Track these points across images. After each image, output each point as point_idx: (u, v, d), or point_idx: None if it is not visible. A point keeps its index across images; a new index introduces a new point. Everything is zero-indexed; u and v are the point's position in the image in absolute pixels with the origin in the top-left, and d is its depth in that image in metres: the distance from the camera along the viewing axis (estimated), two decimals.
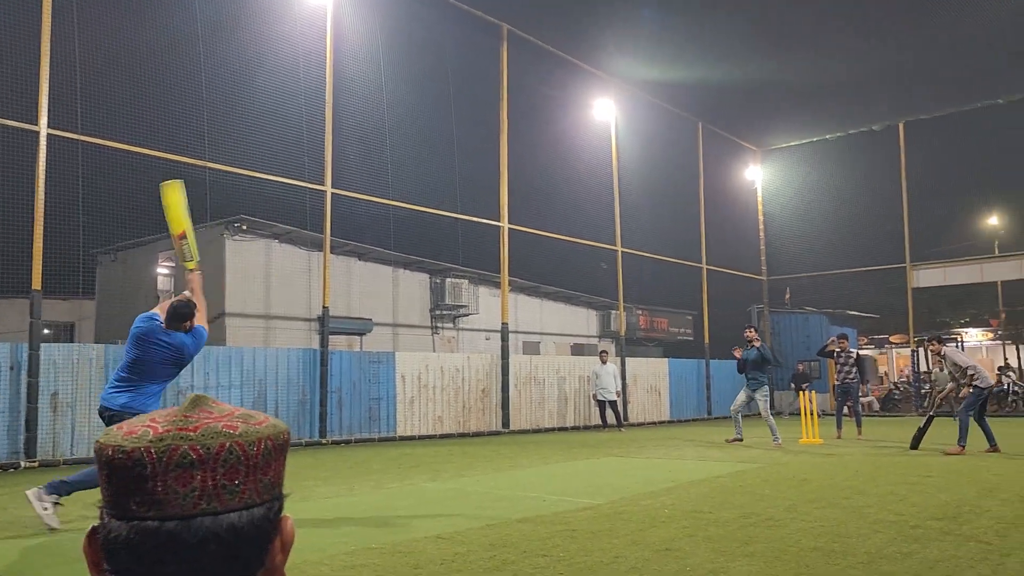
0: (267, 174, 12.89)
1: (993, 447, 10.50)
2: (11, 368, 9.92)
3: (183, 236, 5.66)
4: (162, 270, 20.08)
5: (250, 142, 13.18)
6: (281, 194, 13.90)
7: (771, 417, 12.68)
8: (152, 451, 0.72)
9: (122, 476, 0.73)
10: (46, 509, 5.40)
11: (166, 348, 5.49)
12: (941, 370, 13.54)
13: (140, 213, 14.11)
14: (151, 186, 13.08)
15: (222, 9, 13.00)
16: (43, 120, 10.24)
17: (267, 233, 18.09)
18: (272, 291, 17.96)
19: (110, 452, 0.73)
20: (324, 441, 12.81)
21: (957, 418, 10.83)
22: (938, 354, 11.44)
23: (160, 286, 20.16)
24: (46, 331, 20.65)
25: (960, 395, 11.22)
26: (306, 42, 13.69)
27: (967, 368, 10.85)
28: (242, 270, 17.39)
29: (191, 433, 0.73)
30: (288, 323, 17.92)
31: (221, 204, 15.07)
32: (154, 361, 5.49)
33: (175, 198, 5.67)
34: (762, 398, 12.67)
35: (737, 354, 13.34)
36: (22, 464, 9.76)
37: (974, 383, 10.72)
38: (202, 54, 12.36)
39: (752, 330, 13.54)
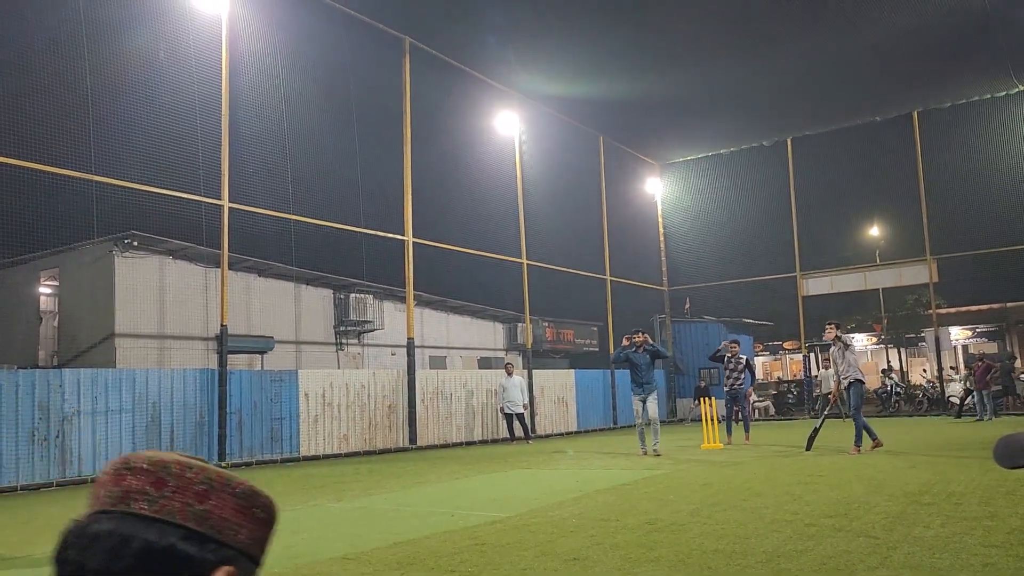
0: (159, 188, 12.38)
1: (858, 446, 10.98)
2: None
3: None
4: (44, 289, 18.98)
5: (141, 154, 12.64)
6: (175, 209, 13.36)
7: (658, 424, 12.28)
8: (117, 460, 0.77)
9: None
10: None
11: None
12: (827, 368, 14.10)
13: (20, 229, 13.30)
14: (31, 201, 12.36)
15: (109, 11, 12.41)
16: None
17: (161, 249, 17.36)
18: (167, 309, 17.22)
19: None
20: (223, 464, 12.33)
21: (852, 419, 11.31)
22: (837, 338, 11.43)
23: (42, 306, 19.04)
24: None
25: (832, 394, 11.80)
26: (201, 51, 13.24)
27: (849, 363, 11.32)
28: (133, 288, 16.61)
29: (147, 454, 0.78)
30: (184, 343, 17.20)
31: (110, 219, 14.35)
32: None
33: None
34: (653, 402, 12.10)
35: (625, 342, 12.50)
36: None
37: (854, 377, 11.18)
38: (87, 58, 11.77)
39: (640, 334, 12.48)
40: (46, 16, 12.22)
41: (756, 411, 23.78)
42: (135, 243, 16.73)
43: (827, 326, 11.83)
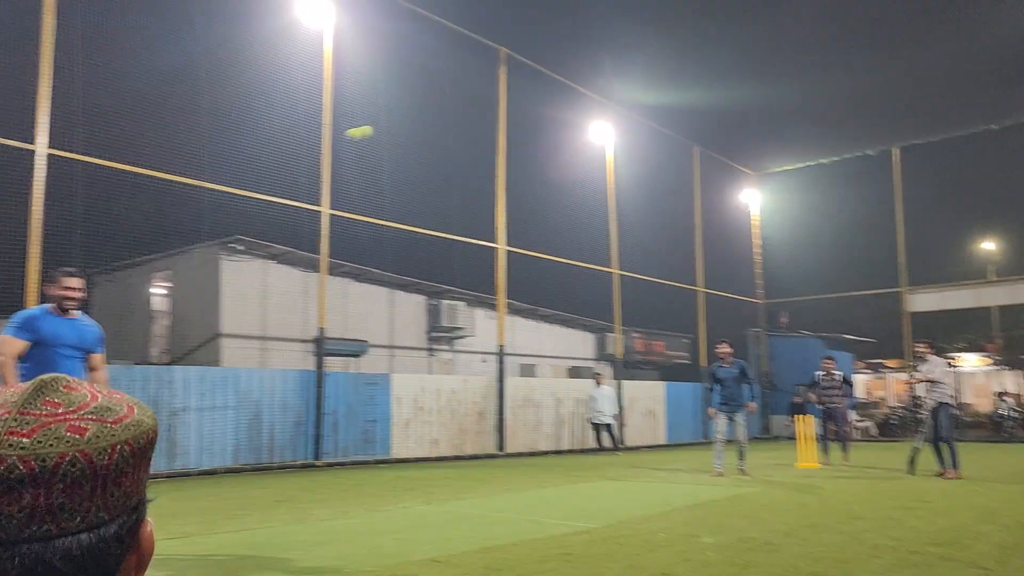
0: (264, 195, 12.91)
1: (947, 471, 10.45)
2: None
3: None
4: (158, 290, 20.03)
5: (248, 163, 13.21)
6: (278, 215, 13.90)
7: (747, 444, 11.70)
8: None
9: None
10: None
11: None
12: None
13: (137, 233, 14.14)
14: (148, 206, 13.11)
15: (224, 32, 13.09)
16: (41, 139, 10.25)
17: (264, 254, 18.07)
18: (268, 312, 17.91)
19: None
20: (318, 463, 12.72)
21: (944, 443, 10.75)
22: (922, 358, 11.01)
23: (154, 306, 20.10)
24: None
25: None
26: (305, 64, 13.76)
27: (936, 379, 10.77)
28: (238, 291, 17.36)
29: (24, 440, 0.61)
30: (284, 344, 17.85)
31: (218, 225, 15.07)
32: None
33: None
34: (742, 421, 11.57)
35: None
36: None
37: (937, 399, 10.62)
38: (203, 75, 12.42)
39: (726, 344, 11.94)
40: (170, 38, 12.96)
41: (856, 431, 22.83)
42: (240, 247, 17.48)
43: (920, 343, 11.29)
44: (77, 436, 0.63)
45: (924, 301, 22.95)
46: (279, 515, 7.31)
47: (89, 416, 0.64)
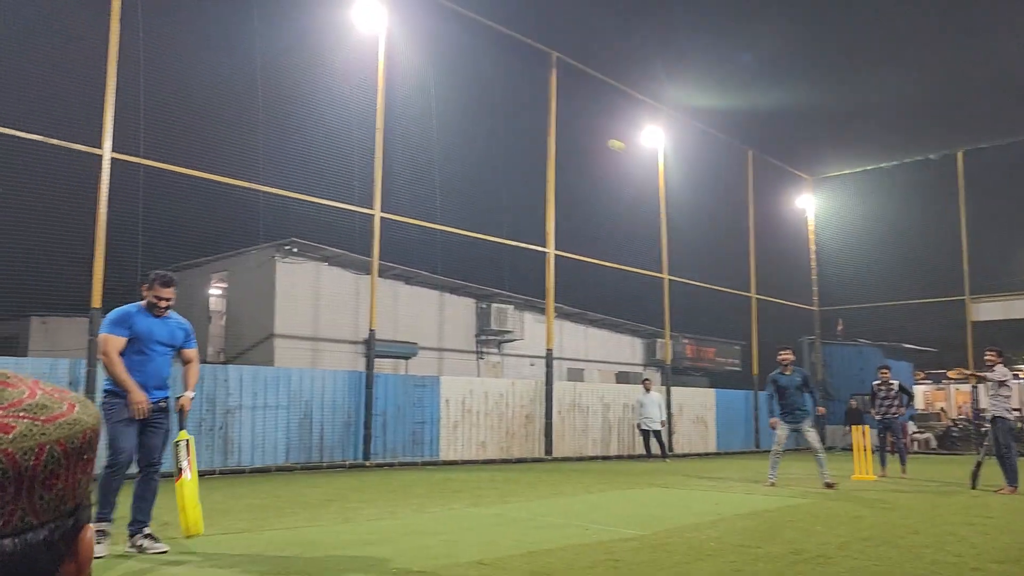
0: (318, 198, 13.12)
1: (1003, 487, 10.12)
2: (69, 383, 10.18)
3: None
4: (214, 291, 20.50)
5: (302, 166, 13.45)
6: (331, 218, 14.12)
7: (823, 451, 11.23)
8: None
9: None
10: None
11: None
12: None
13: (195, 235, 14.49)
14: (206, 208, 13.43)
15: (280, 37, 13.36)
16: (107, 144, 10.58)
17: (317, 256, 18.36)
18: (320, 313, 18.19)
19: None
20: (367, 464, 12.85)
21: (1005, 456, 10.39)
22: (991, 366, 10.49)
23: (211, 306, 20.57)
24: None
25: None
26: (359, 68, 13.96)
27: (1003, 389, 10.37)
28: (292, 292, 17.67)
29: None
30: (335, 345, 18.11)
31: (273, 227, 15.37)
32: None
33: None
34: (810, 429, 11.21)
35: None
36: None
37: (997, 410, 10.26)
38: (259, 79, 12.69)
39: (789, 352, 11.57)
40: (228, 45, 13.28)
41: (915, 443, 22.18)
42: (295, 249, 17.79)
43: (988, 351, 10.78)
44: (1, 434, 0.58)
45: (988, 310, 22.19)
46: (328, 514, 7.40)
47: (20, 413, 0.60)
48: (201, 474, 11.02)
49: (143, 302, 5.59)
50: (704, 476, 12.65)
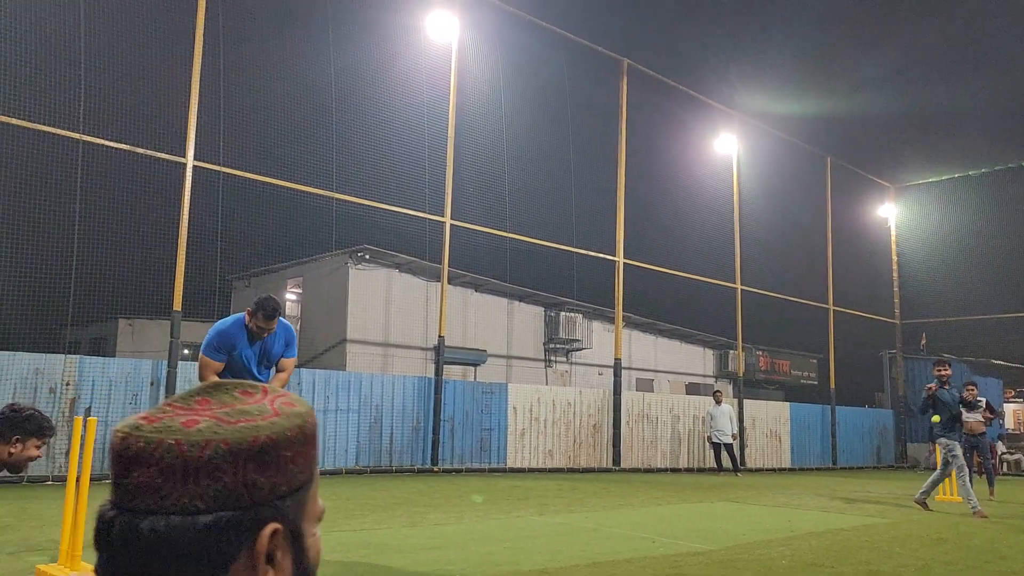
0: (390, 205, 13.35)
1: None
2: (151, 383, 10.59)
3: None
4: (290, 296, 21.04)
5: (375, 175, 13.71)
6: (402, 225, 14.36)
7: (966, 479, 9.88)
8: (116, 438, 0.71)
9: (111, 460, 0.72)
10: None
11: None
12: None
13: (272, 241, 14.92)
14: (282, 216, 13.82)
15: (354, 48, 13.66)
16: (190, 153, 11.00)
17: (388, 263, 18.66)
18: (391, 319, 18.47)
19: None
20: (435, 469, 12.96)
21: None
22: None
23: (288, 312, 21.11)
24: (185, 351, 22.00)
25: None
26: (431, 78, 14.17)
27: None
28: (364, 298, 18.00)
29: (145, 424, 0.70)
30: (405, 351, 18.35)
31: (346, 234, 15.70)
32: None
33: None
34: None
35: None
36: None
37: None
38: (333, 91, 13.00)
39: (948, 366, 10.66)
40: (305, 57, 13.66)
41: (1004, 464, 21.13)
42: (367, 256, 18.12)
43: None
44: (185, 429, 0.69)
45: None
46: (395, 517, 7.48)
47: (216, 414, 0.71)
48: None
49: (246, 317, 5.42)
50: (777, 492, 12.30)
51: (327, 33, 13.10)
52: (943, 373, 10.56)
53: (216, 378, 5.22)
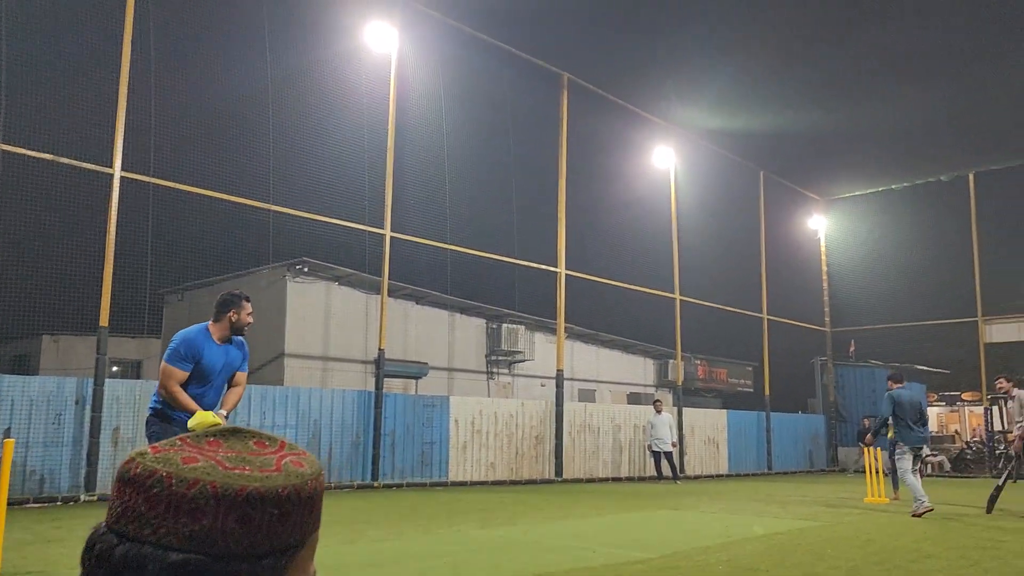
0: (329, 217, 13.18)
1: None
2: (76, 402, 10.21)
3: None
4: None
5: (313, 186, 13.53)
6: (342, 237, 14.18)
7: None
8: (126, 460, 0.72)
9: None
10: None
11: None
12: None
13: (206, 254, 14.57)
14: (217, 228, 13.52)
15: (291, 59, 13.49)
16: (117, 163, 10.68)
17: (327, 276, 18.42)
18: (331, 333, 18.21)
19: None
20: (376, 484, 12.79)
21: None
22: (1007, 393, 10.64)
23: None
24: (114, 368, 21.30)
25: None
26: (370, 89, 14.07)
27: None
28: (302, 311, 17.71)
29: (150, 453, 0.71)
30: (345, 365, 18.11)
31: (284, 247, 15.45)
32: None
33: None
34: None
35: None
36: (82, 498, 9.97)
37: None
38: (270, 101, 12.81)
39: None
40: (239, 65, 13.42)
41: (929, 466, 21.89)
42: (305, 269, 17.85)
43: (998, 379, 10.83)
44: (181, 464, 0.69)
45: (1002, 331, 21.98)
46: (332, 535, 7.35)
47: (219, 459, 0.71)
48: None
49: (212, 324, 5.25)
50: (715, 498, 12.51)
51: (264, 42, 12.90)
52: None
53: (179, 389, 5.01)
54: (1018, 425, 10.54)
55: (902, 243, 23.30)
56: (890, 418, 10.72)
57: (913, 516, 9.91)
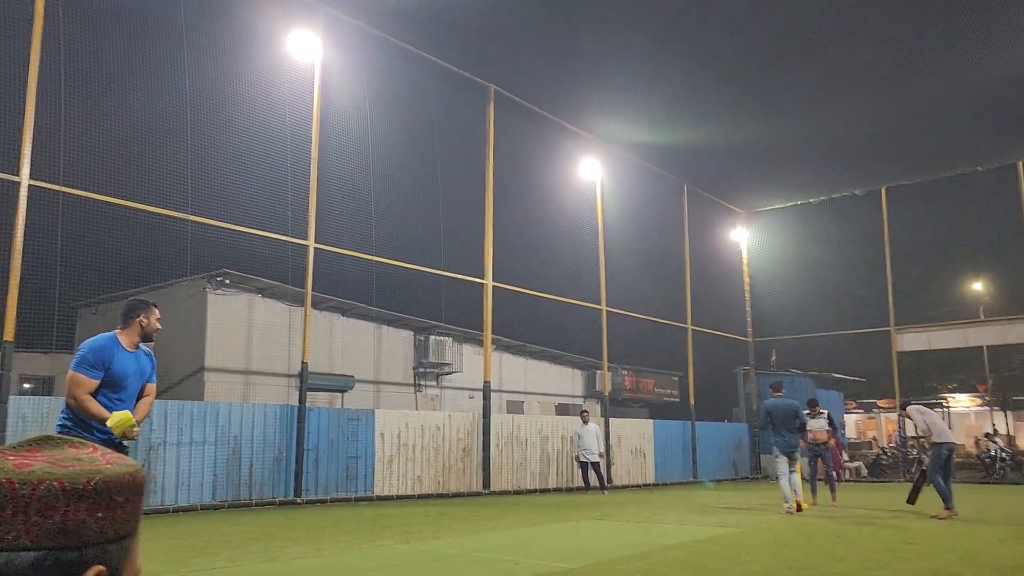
0: (251, 228, 12.87)
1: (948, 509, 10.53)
2: None
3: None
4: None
5: (235, 197, 13.19)
6: (265, 249, 13.86)
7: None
8: None
9: None
10: None
11: None
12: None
13: (122, 266, 14.03)
14: (133, 239, 13.05)
15: (212, 65, 13.15)
16: (25, 171, 10.23)
17: (250, 287, 18.00)
18: (253, 346, 17.78)
19: None
20: (299, 500, 12.51)
21: (931, 482, 10.85)
22: (905, 414, 11.58)
23: None
24: (26, 385, 20.31)
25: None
26: (294, 98, 13.83)
27: (924, 427, 11.01)
28: (223, 324, 17.24)
29: None
30: (268, 379, 17.69)
31: (204, 258, 15.00)
32: None
33: None
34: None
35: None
36: None
37: (932, 441, 10.84)
38: (189, 109, 12.46)
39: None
40: (156, 70, 13.01)
41: (846, 471, 22.65)
42: (227, 281, 17.41)
43: (902, 411, 11.89)
44: (17, 470, 0.71)
45: (913, 341, 22.94)
46: (250, 553, 7.14)
47: (48, 459, 0.73)
48: None
49: (120, 330, 5.09)
50: (640, 507, 12.65)
51: (182, 47, 12.56)
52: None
53: (89, 397, 4.81)
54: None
55: (820, 255, 24.13)
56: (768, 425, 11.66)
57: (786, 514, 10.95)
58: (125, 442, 5.00)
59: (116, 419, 4.82)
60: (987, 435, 24.79)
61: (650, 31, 15.20)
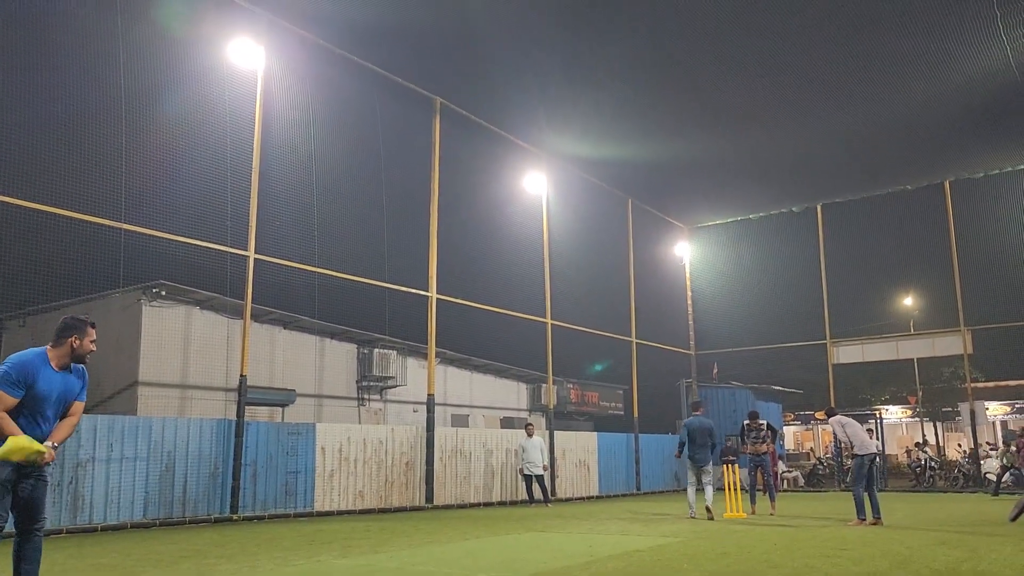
0: (188, 238, 12.55)
1: (877, 519, 10.83)
2: None
3: None
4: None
5: (171, 206, 12.86)
6: (203, 259, 13.52)
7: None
8: None
9: None
10: None
11: None
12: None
13: (51, 277, 13.54)
14: (64, 249, 12.60)
15: (149, 72, 12.83)
16: None
17: (188, 299, 17.56)
18: (190, 359, 17.33)
19: None
20: (235, 517, 12.18)
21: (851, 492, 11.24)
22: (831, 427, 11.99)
23: None
24: None
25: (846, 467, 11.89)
26: (234, 108, 13.59)
27: (845, 439, 11.41)
28: (159, 337, 16.76)
29: None
30: (206, 393, 17.24)
31: (139, 269, 14.56)
32: None
33: None
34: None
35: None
36: None
37: (853, 452, 11.21)
38: (124, 114, 12.13)
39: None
40: (89, 71, 12.62)
41: (784, 481, 23.08)
42: (163, 292, 16.95)
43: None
44: None
45: (848, 353, 23.57)
46: (181, 572, 6.92)
47: None
48: (46, 534, 10.15)
49: (51, 348, 4.88)
50: (583, 519, 12.66)
51: (118, 49, 12.22)
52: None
53: (4, 415, 4.54)
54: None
55: (759, 270, 24.67)
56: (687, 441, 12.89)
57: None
58: (39, 467, 4.74)
59: (9, 446, 4.53)
60: (917, 445, 25.57)
61: (596, 49, 15.40)
